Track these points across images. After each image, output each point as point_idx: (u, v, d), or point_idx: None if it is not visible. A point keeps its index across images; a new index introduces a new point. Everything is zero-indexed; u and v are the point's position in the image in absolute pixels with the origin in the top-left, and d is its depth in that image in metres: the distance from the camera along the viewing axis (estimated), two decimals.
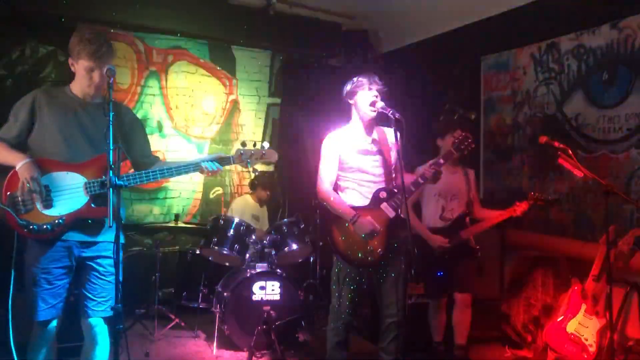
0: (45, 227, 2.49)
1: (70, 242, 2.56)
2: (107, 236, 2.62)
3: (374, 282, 3.14)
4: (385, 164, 3.15)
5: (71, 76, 2.66)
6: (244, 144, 2.82)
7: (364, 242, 3.01)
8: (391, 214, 3.03)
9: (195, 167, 2.66)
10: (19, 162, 2.47)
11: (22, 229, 2.47)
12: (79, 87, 2.64)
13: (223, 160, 2.72)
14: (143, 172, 2.62)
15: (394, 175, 3.18)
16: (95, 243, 2.62)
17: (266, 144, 2.82)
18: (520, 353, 4.14)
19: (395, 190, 3.07)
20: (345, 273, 3.06)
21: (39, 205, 2.49)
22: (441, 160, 3.03)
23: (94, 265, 2.62)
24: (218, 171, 2.69)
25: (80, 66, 2.56)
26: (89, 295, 2.61)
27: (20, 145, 2.56)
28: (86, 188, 2.54)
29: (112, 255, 2.59)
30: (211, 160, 2.68)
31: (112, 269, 2.62)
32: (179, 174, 2.69)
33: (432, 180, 3.02)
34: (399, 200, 3.02)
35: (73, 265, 2.60)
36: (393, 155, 3.16)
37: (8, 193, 2.48)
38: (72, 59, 2.59)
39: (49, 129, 2.56)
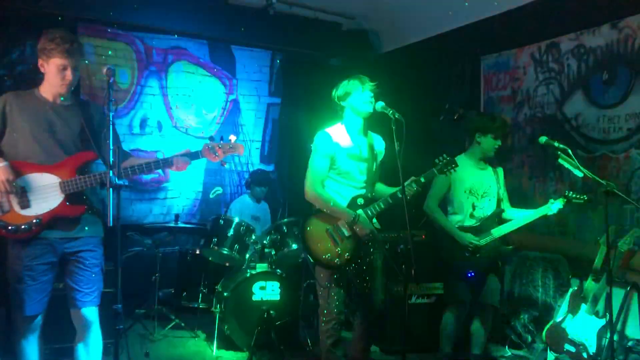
0: (23, 227, 2.54)
1: (51, 239, 2.61)
2: (88, 231, 2.69)
3: (351, 283, 3.15)
4: (370, 171, 3.16)
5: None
6: (211, 138, 2.83)
7: (334, 244, 3.02)
8: None
9: (164, 162, 2.72)
10: None
11: (1, 229, 2.53)
12: (49, 88, 2.66)
13: (191, 155, 2.76)
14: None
15: (374, 184, 3.21)
16: (76, 238, 2.66)
17: (233, 137, 2.83)
18: (520, 353, 4.14)
19: (374, 199, 3.09)
20: (327, 274, 3.06)
21: (16, 207, 2.54)
22: (422, 180, 2.99)
23: (77, 259, 2.67)
24: (187, 164, 2.74)
25: (52, 65, 2.59)
26: (76, 287, 2.67)
27: None
28: (61, 187, 2.58)
29: (94, 249, 2.71)
30: (181, 156, 2.73)
31: (96, 261, 2.72)
32: (149, 170, 2.72)
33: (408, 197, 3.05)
34: (375, 210, 3.04)
35: (56, 261, 2.65)
36: (377, 163, 3.20)
37: None
38: (42, 59, 2.61)
39: (20, 132, 2.60)
